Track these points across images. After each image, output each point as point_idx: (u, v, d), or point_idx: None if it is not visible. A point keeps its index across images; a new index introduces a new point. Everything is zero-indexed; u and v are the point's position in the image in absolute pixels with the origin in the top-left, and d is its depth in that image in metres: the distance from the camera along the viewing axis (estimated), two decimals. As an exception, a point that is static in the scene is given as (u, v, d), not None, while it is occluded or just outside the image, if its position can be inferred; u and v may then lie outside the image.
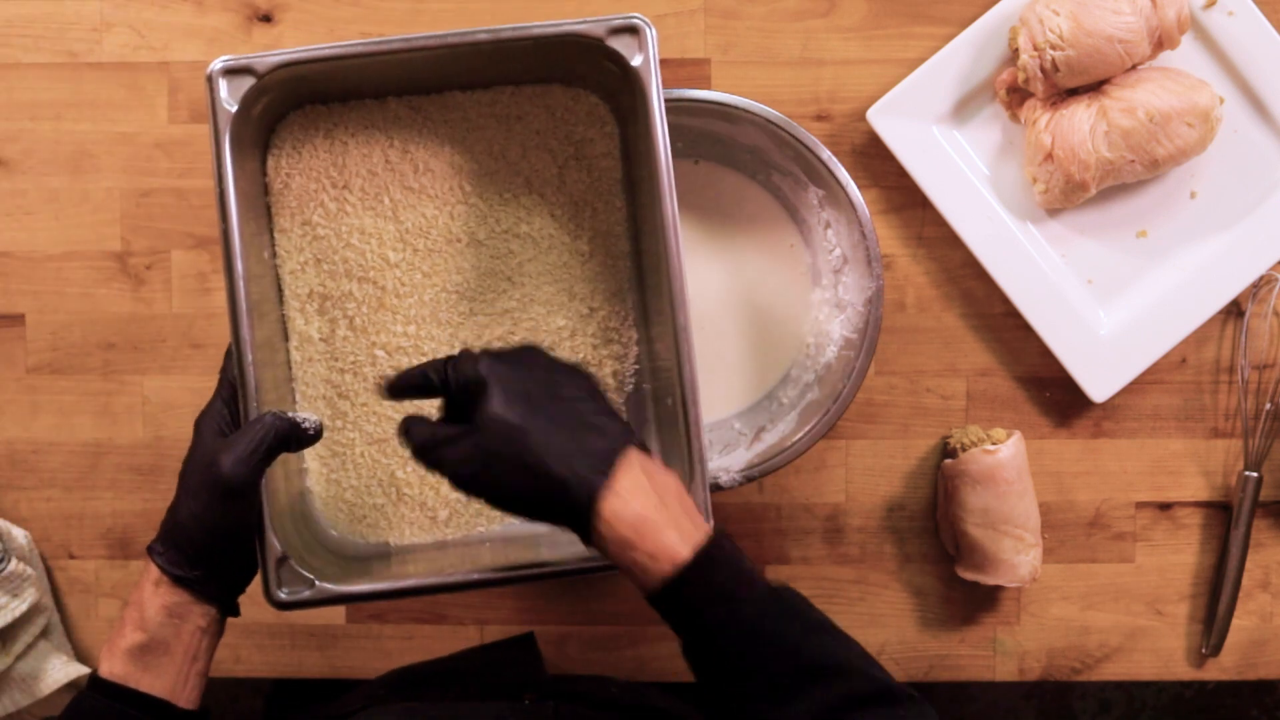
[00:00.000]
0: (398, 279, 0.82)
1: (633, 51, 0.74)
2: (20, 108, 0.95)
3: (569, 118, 0.83)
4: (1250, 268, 0.93)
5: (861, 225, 0.86)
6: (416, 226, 0.82)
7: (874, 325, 0.86)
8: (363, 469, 0.83)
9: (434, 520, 0.84)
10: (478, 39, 0.74)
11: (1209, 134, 0.89)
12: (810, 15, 0.95)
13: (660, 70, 0.74)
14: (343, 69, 0.77)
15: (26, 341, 0.95)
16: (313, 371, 0.83)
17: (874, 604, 0.97)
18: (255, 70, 0.73)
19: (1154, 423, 0.96)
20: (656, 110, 0.74)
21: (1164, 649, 0.97)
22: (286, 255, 0.82)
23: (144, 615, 0.72)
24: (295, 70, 0.75)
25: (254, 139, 0.79)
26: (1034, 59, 0.88)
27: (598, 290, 0.84)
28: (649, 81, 0.74)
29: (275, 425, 0.71)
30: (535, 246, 0.83)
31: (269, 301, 0.80)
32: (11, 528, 0.95)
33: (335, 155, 0.81)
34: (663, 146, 0.74)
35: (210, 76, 0.73)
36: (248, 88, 0.73)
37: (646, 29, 0.74)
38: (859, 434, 0.96)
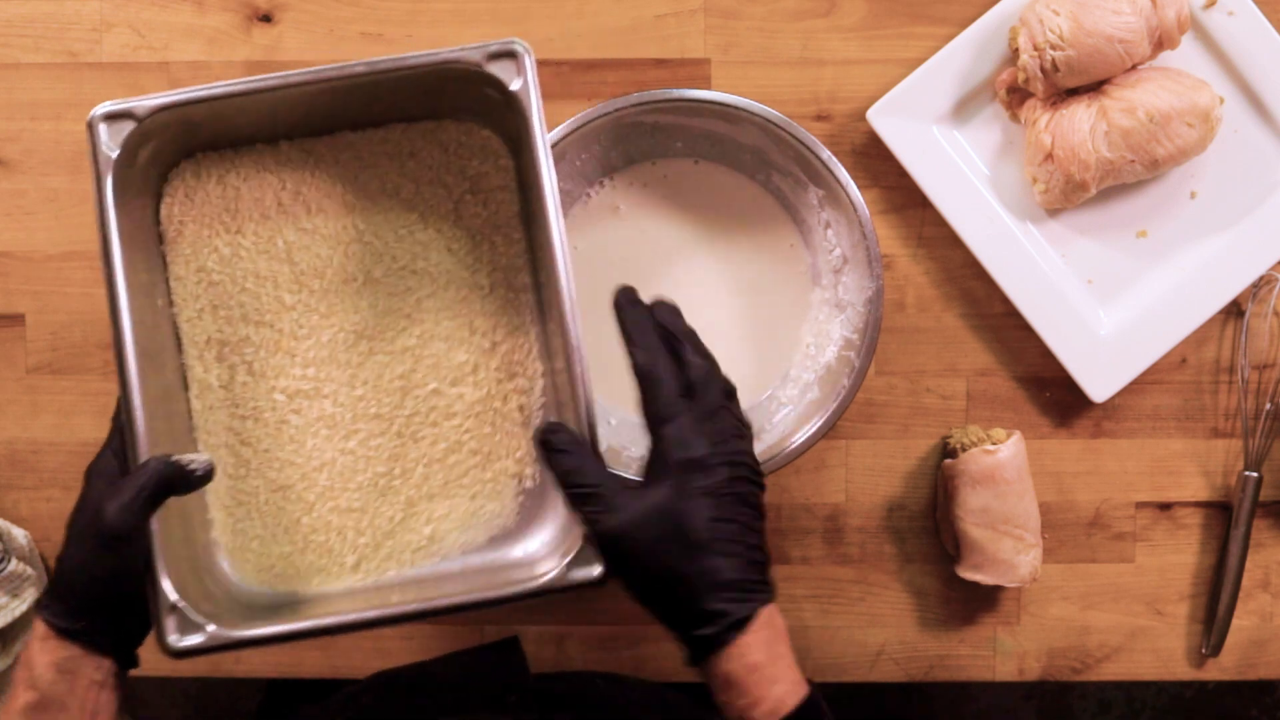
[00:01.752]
0: (295, 321, 0.81)
1: (511, 76, 0.73)
2: (20, 108, 0.95)
3: (462, 152, 0.83)
4: (1250, 268, 0.93)
5: (861, 225, 0.86)
6: (311, 268, 0.81)
7: (874, 325, 0.86)
8: (268, 517, 0.81)
9: (342, 566, 0.81)
10: (355, 72, 0.74)
11: (1209, 134, 0.89)
12: (810, 15, 0.95)
13: (541, 96, 0.73)
14: (229, 111, 0.76)
15: (26, 341, 0.95)
16: (214, 419, 0.81)
17: (874, 604, 0.97)
18: (135, 114, 0.73)
19: (1154, 423, 0.96)
20: (538, 135, 0.73)
21: (1164, 649, 0.97)
22: (183, 303, 0.80)
23: (33, 673, 0.68)
24: (180, 114, 0.74)
25: (144, 186, 0.78)
26: (1034, 59, 0.88)
27: (500, 324, 0.83)
28: (529, 105, 0.73)
29: (158, 470, 0.69)
30: (433, 282, 0.82)
31: (167, 350, 0.79)
32: (11, 528, 0.95)
33: (228, 200, 0.80)
34: (546, 172, 0.73)
35: (90, 123, 0.73)
36: (129, 132, 0.73)
37: (525, 54, 0.73)
38: (859, 434, 0.96)
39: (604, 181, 0.93)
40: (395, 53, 0.94)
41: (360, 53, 0.94)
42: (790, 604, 0.97)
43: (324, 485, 0.81)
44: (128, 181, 0.75)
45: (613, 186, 0.93)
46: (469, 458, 0.82)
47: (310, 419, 0.81)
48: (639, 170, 0.93)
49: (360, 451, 0.81)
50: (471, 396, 0.81)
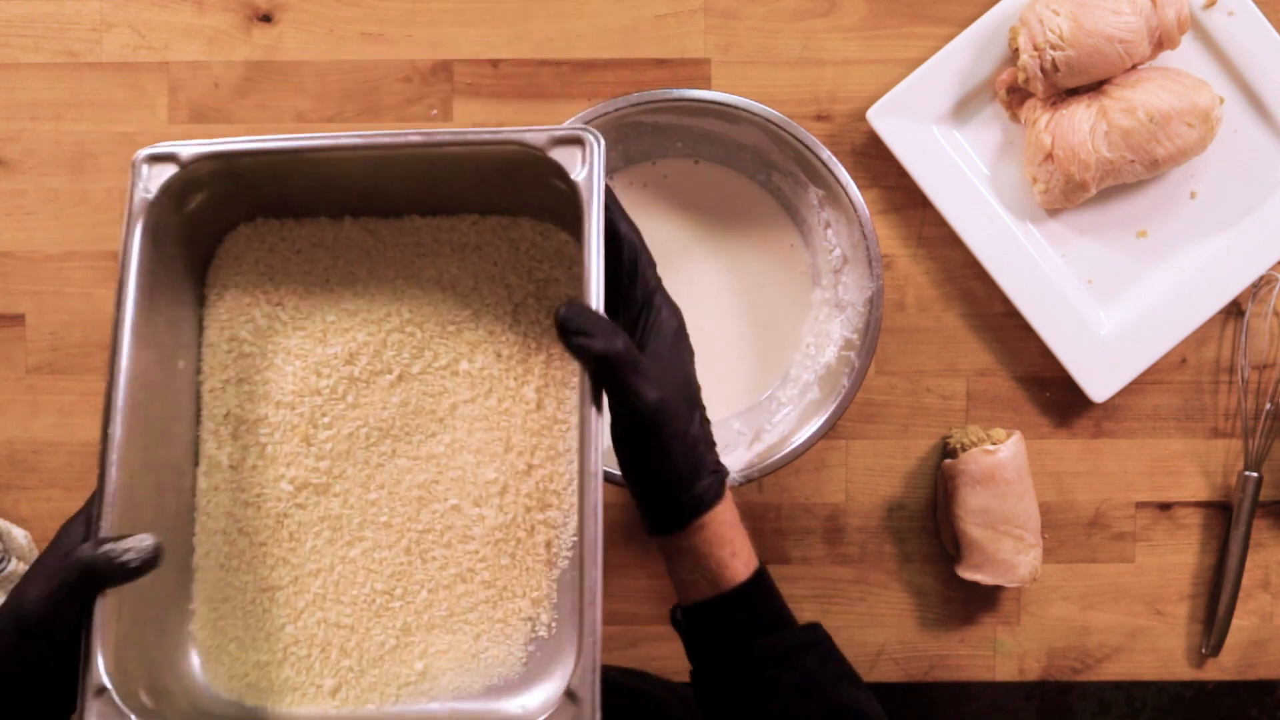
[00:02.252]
0: (318, 407, 0.75)
1: (575, 164, 0.69)
2: (20, 108, 0.95)
3: (534, 253, 0.77)
4: (1250, 268, 0.93)
5: (861, 225, 0.86)
6: (346, 352, 0.75)
7: (874, 325, 0.86)
8: (251, 618, 0.74)
9: (319, 689, 0.74)
10: (409, 141, 0.70)
11: (1209, 134, 0.89)
12: (810, 15, 0.95)
13: (604, 192, 0.68)
14: (285, 172, 0.73)
15: (26, 341, 0.95)
16: (217, 501, 0.75)
17: (874, 604, 0.97)
18: (179, 159, 0.70)
19: (1154, 423, 0.96)
20: (594, 238, 0.68)
21: (1164, 649, 0.97)
22: (210, 371, 0.75)
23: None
24: (228, 166, 0.71)
25: (191, 241, 0.74)
26: (1034, 59, 0.88)
27: (540, 446, 0.76)
28: (589, 200, 0.68)
29: (83, 561, 0.62)
30: (474, 388, 0.76)
31: (183, 421, 0.74)
32: (11, 528, 0.95)
33: (275, 269, 0.76)
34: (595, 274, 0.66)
35: (134, 163, 0.70)
36: (170, 176, 0.69)
37: (594, 142, 0.69)
38: (859, 434, 0.96)
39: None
40: (395, 52, 0.94)
41: (360, 52, 0.94)
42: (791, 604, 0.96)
43: (316, 592, 0.74)
44: (165, 230, 0.71)
45: (613, 186, 0.93)
46: (480, 589, 0.74)
47: (314, 516, 0.74)
48: (639, 170, 0.93)
49: (362, 562, 0.74)
50: (494, 521, 0.74)
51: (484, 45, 0.95)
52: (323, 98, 0.94)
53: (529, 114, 0.95)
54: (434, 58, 0.95)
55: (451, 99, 0.95)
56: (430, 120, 0.95)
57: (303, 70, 0.94)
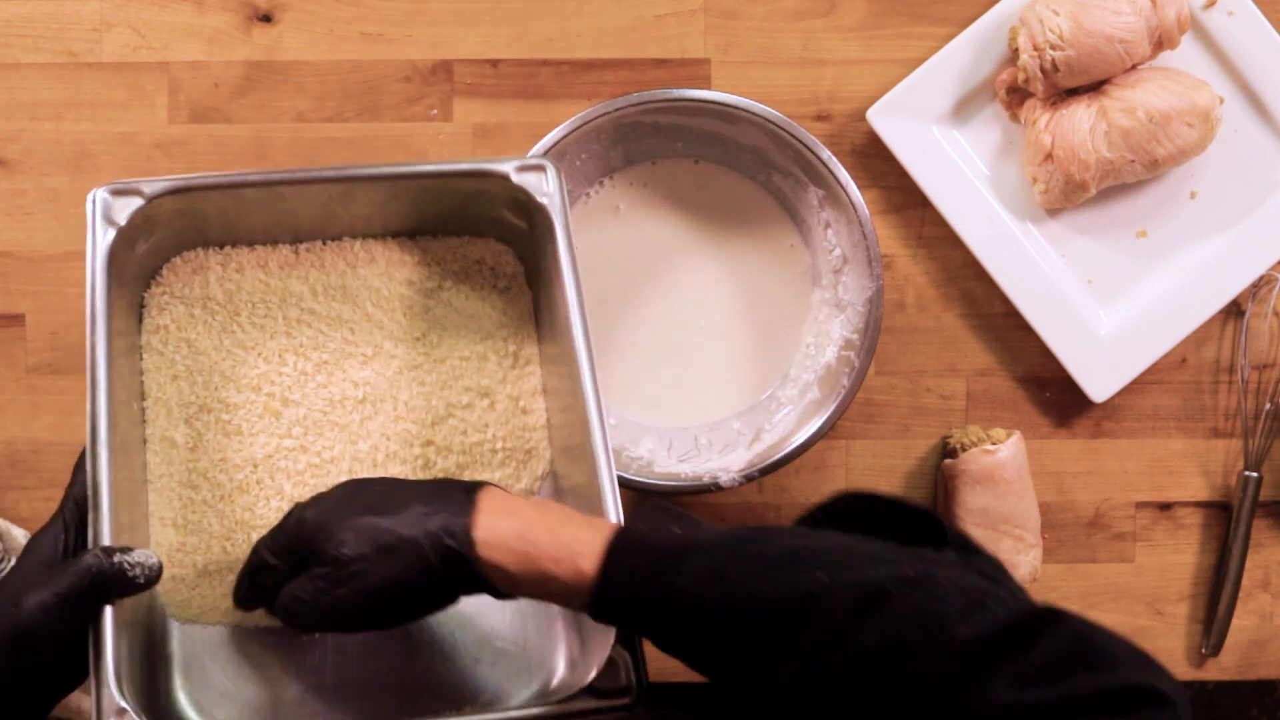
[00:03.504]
0: (287, 388, 0.77)
1: (540, 189, 0.73)
2: (20, 108, 0.94)
3: (490, 261, 0.83)
4: (1250, 268, 0.93)
5: (861, 225, 0.86)
6: (313, 342, 0.78)
7: (874, 325, 0.86)
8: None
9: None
10: (381, 174, 0.73)
11: (1209, 134, 0.89)
12: (810, 15, 0.95)
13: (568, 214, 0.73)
14: (242, 209, 0.75)
15: (26, 341, 0.95)
16: (170, 474, 0.76)
17: (874, 604, 0.97)
18: (142, 192, 0.71)
19: (1154, 423, 0.96)
20: (564, 255, 0.72)
21: (1164, 649, 0.97)
22: (155, 368, 0.77)
23: None
24: (193, 202, 0.72)
25: (137, 273, 0.76)
26: (1034, 59, 0.88)
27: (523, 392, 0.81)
28: (556, 221, 0.73)
29: (95, 569, 0.61)
30: (459, 315, 0.81)
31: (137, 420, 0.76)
32: (11, 527, 0.95)
33: (225, 281, 0.78)
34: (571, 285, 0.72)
35: (92, 198, 0.71)
36: (134, 210, 0.71)
37: (551, 169, 0.73)
38: (859, 434, 0.96)
39: (604, 181, 0.93)
40: (395, 52, 0.94)
41: (360, 52, 0.94)
42: (790, 604, 0.97)
43: None
44: (124, 261, 0.73)
45: (613, 186, 0.93)
46: None
47: (299, 466, 0.77)
48: (639, 170, 0.93)
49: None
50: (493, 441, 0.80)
51: (484, 45, 0.95)
52: (323, 98, 0.94)
53: (529, 114, 0.95)
54: (434, 58, 0.95)
55: (451, 99, 0.95)
56: (430, 120, 0.95)
57: (303, 70, 0.94)
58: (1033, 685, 0.50)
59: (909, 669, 0.52)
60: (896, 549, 0.58)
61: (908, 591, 0.54)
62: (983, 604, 0.53)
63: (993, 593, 0.55)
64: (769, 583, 0.56)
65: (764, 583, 0.56)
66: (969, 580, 0.56)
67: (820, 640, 0.54)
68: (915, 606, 0.53)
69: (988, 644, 0.51)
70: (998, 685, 0.50)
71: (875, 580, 0.54)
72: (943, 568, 0.56)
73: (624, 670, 0.64)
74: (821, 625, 0.54)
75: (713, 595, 0.57)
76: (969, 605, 0.53)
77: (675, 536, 0.60)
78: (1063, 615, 0.54)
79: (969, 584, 0.55)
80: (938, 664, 0.51)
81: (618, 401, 0.92)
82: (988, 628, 0.52)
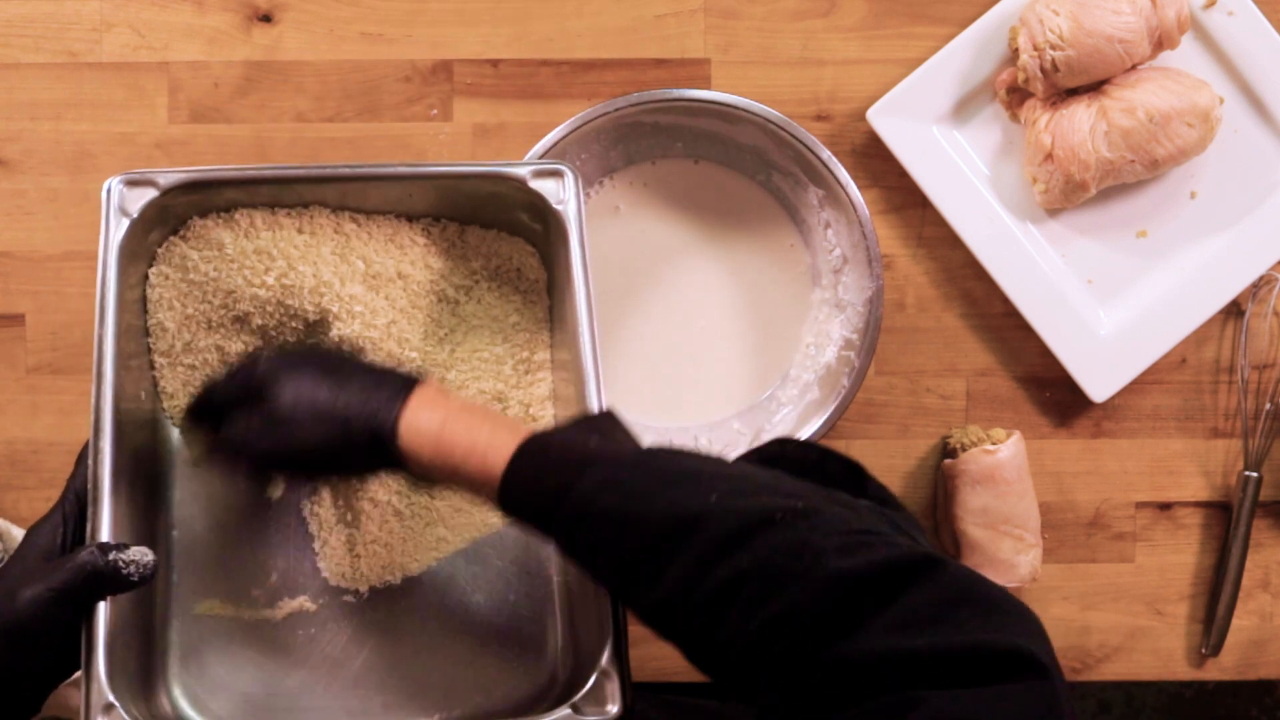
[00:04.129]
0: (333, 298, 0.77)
1: (557, 195, 0.74)
2: (20, 108, 0.95)
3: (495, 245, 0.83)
4: (1250, 268, 0.93)
5: (861, 225, 0.86)
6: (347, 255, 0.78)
7: (874, 325, 0.86)
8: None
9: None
10: (396, 173, 0.74)
11: (1209, 134, 0.89)
12: (810, 15, 0.95)
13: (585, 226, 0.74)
14: (253, 203, 0.75)
15: (26, 341, 0.95)
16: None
17: (874, 604, 0.97)
18: (157, 184, 0.71)
19: (1154, 423, 0.96)
20: (577, 261, 0.73)
21: (1164, 649, 0.97)
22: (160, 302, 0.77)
23: None
24: (205, 198, 0.73)
25: (148, 260, 0.77)
26: (1034, 59, 0.88)
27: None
28: (571, 228, 0.73)
29: (91, 566, 0.62)
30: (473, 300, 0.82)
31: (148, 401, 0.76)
32: (11, 527, 0.95)
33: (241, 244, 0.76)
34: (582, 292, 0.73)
35: (108, 189, 0.72)
36: (148, 200, 0.71)
37: (569, 174, 0.74)
38: (859, 434, 0.96)
39: (604, 181, 0.93)
40: (395, 52, 0.94)
41: (360, 52, 0.94)
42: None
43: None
44: (135, 251, 0.73)
45: (613, 186, 0.93)
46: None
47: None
48: (639, 170, 0.93)
49: None
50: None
51: (484, 45, 0.95)
52: (323, 98, 0.94)
53: (529, 114, 0.95)
54: (434, 58, 0.95)
55: (451, 99, 0.95)
56: (430, 120, 0.95)
57: (303, 70, 0.94)
58: (905, 632, 0.49)
59: (778, 596, 0.52)
60: (799, 484, 0.59)
61: (791, 521, 0.54)
62: (868, 544, 0.53)
63: (886, 537, 0.55)
64: (662, 499, 0.57)
65: (658, 498, 0.57)
66: (862, 521, 0.55)
67: (698, 558, 0.54)
68: (794, 536, 0.53)
69: (861, 582, 0.51)
70: (869, 628, 0.49)
71: (762, 507, 0.55)
72: (838, 506, 0.56)
73: (610, 689, 0.65)
74: (702, 545, 0.54)
75: (607, 504, 0.58)
76: (852, 543, 0.53)
77: (587, 447, 0.61)
78: (946, 563, 0.52)
79: (860, 525, 0.54)
80: (807, 595, 0.51)
81: (618, 401, 0.91)
82: (864, 567, 0.51)
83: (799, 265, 0.93)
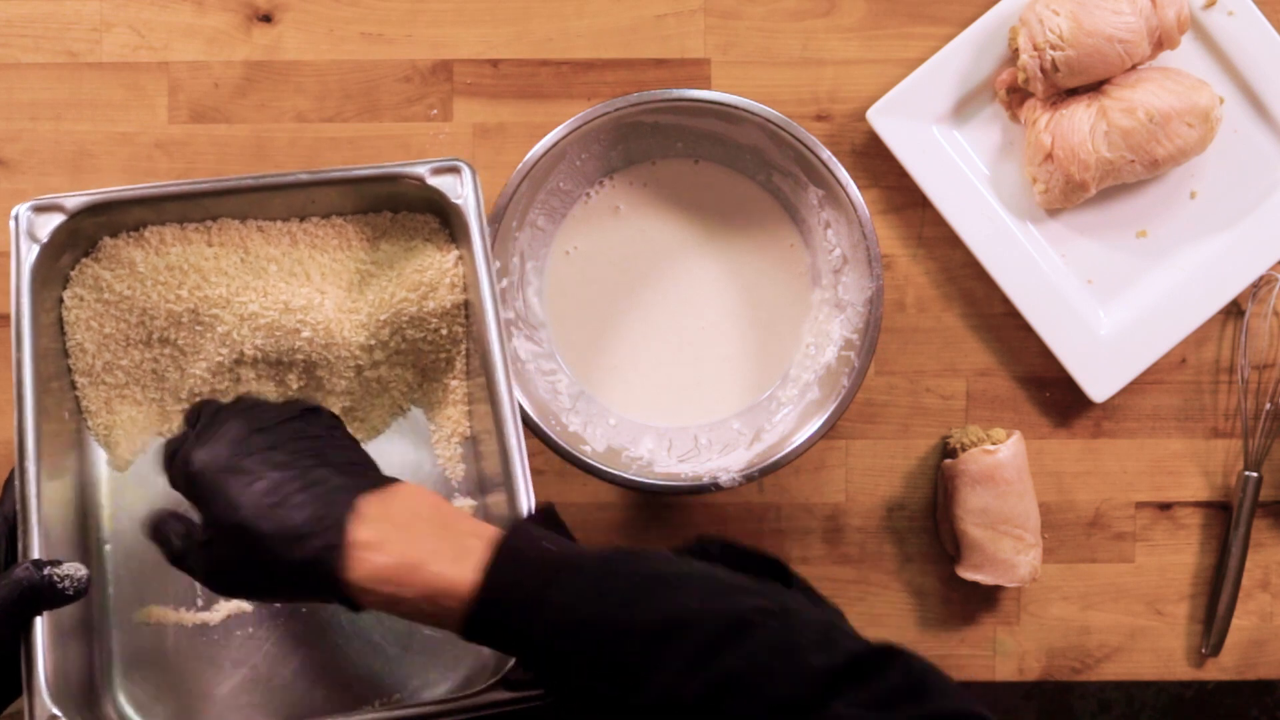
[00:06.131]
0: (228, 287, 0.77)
1: (454, 189, 0.75)
2: (20, 108, 0.94)
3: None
4: (1250, 268, 0.93)
5: (861, 225, 0.86)
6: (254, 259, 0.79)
7: (874, 325, 0.86)
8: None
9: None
10: (295, 181, 0.75)
11: (1209, 134, 0.89)
12: (810, 15, 0.95)
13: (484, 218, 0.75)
14: (170, 215, 0.76)
15: (26, 341, 0.95)
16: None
17: (874, 604, 0.97)
18: (64, 208, 0.72)
19: (1154, 423, 0.96)
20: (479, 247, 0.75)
21: (1164, 649, 0.97)
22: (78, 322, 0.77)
23: None
24: (112, 218, 0.74)
25: (61, 283, 0.77)
26: (1034, 59, 0.88)
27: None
28: (470, 218, 0.75)
29: (27, 582, 0.64)
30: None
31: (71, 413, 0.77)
32: (11, 528, 0.95)
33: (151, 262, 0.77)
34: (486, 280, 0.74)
35: (16, 216, 0.72)
36: (56, 225, 0.72)
37: (467, 170, 0.75)
38: (859, 434, 0.96)
39: (604, 181, 0.93)
40: (395, 52, 0.95)
41: (360, 52, 0.94)
42: (790, 604, 0.97)
43: None
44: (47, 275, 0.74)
45: (613, 186, 0.93)
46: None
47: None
48: (639, 170, 0.93)
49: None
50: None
51: (484, 45, 0.95)
52: (323, 98, 0.94)
53: (529, 114, 0.95)
54: (434, 58, 0.95)
55: (451, 99, 0.95)
56: (430, 120, 0.95)
57: (303, 70, 0.94)
58: (873, 710, 0.55)
59: (767, 691, 0.56)
60: (754, 583, 0.62)
61: (768, 622, 0.58)
62: (833, 639, 0.59)
63: (840, 628, 0.61)
64: (642, 604, 0.59)
65: (638, 604, 0.59)
66: (821, 616, 0.61)
67: (688, 661, 0.57)
68: (775, 636, 0.58)
69: (836, 673, 0.56)
70: (842, 708, 0.55)
71: (739, 609, 0.59)
72: (799, 604, 0.62)
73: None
74: (690, 647, 0.57)
75: (586, 614, 0.59)
76: (822, 639, 0.58)
77: (550, 556, 0.61)
78: (902, 652, 0.59)
79: (821, 620, 0.60)
80: (792, 687, 0.56)
81: (618, 402, 0.92)
82: (837, 659, 0.57)
83: (799, 265, 0.93)
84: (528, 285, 0.91)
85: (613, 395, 0.92)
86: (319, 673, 0.75)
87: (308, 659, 0.75)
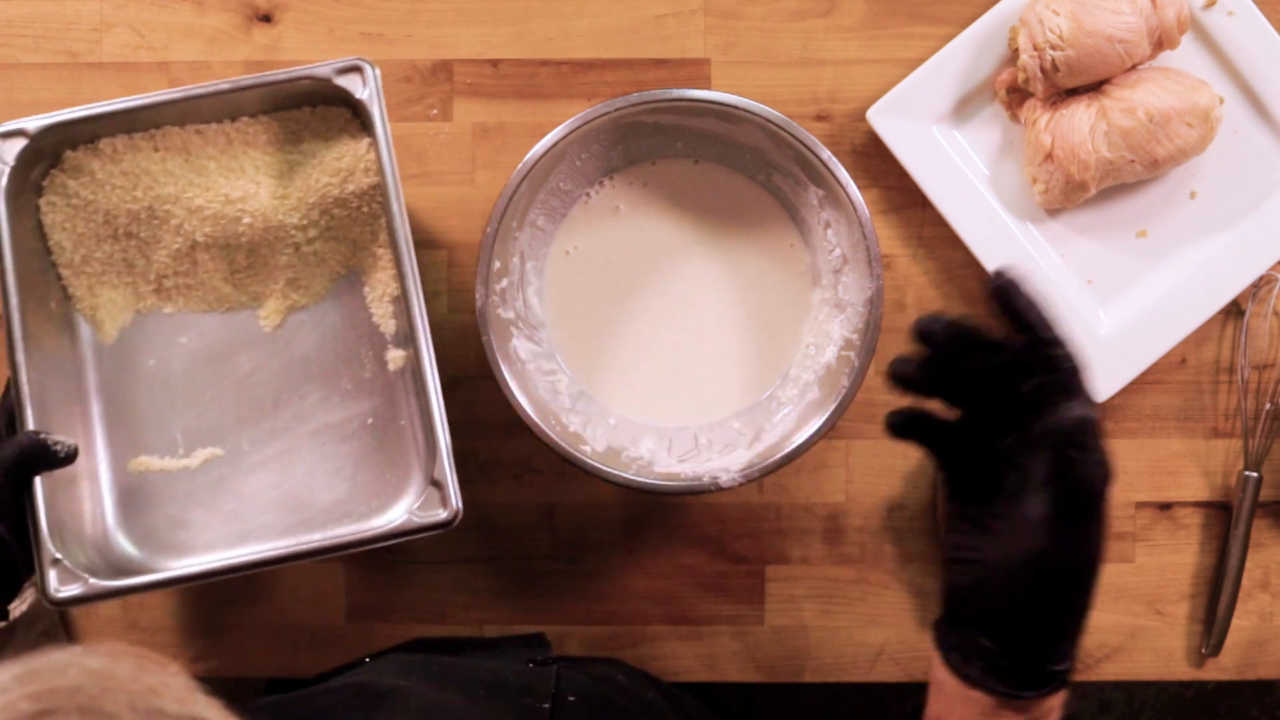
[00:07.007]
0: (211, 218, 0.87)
1: (358, 87, 0.83)
2: (20, 108, 0.94)
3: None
4: (1250, 268, 0.93)
5: (861, 225, 0.86)
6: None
7: (874, 325, 0.86)
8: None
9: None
10: (219, 90, 0.84)
11: (1209, 134, 0.89)
12: (810, 15, 0.95)
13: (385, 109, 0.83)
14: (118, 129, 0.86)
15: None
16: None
17: (874, 604, 0.97)
18: (26, 132, 0.82)
19: (1154, 423, 0.96)
20: (381, 136, 0.83)
21: (1164, 649, 0.97)
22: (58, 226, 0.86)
23: None
24: (70, 135, 0.84)
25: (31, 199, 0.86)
26: (1034, 59, 0.88)
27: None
28: (373, 111, 0.83)
29: (27, 442, 0.74)
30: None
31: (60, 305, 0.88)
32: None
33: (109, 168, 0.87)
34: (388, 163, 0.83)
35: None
36: (21, 148, 0.82)
37: (369, 68, 0.83)
38: (859, 434, 0.96)
39: (604, 181, 0.93)
40: (395, 52, 0.95)
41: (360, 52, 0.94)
42: (790, 604, 0.97)
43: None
44: (19, 194, 0.83)
45: (613, 186, 0.93)
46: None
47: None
48: (639, 170, 0.93)
49: None
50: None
51: (484, 45, 0.95)
52: (323, 98, 0.94)
53: (529, 114, 0.95)
54: (434, 58, 0.95)
55: (451, 99, 0.95)
56: (430, 120, 0.95)
57: (303, 70, 0.94)
58: None
59: None
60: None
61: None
62: None
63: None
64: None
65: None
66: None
67: None
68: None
69: None
70: None
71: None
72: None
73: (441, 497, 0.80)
74: None
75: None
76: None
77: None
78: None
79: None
80: None
81: (618, 401, 0.92)
82: None
83: (799, 265, 0.93)
84: (528, 285, 0.91)
85: (613, 395, 0.92)
86: (282, 500, 0.88)
87: (269, 495, 0.88)
